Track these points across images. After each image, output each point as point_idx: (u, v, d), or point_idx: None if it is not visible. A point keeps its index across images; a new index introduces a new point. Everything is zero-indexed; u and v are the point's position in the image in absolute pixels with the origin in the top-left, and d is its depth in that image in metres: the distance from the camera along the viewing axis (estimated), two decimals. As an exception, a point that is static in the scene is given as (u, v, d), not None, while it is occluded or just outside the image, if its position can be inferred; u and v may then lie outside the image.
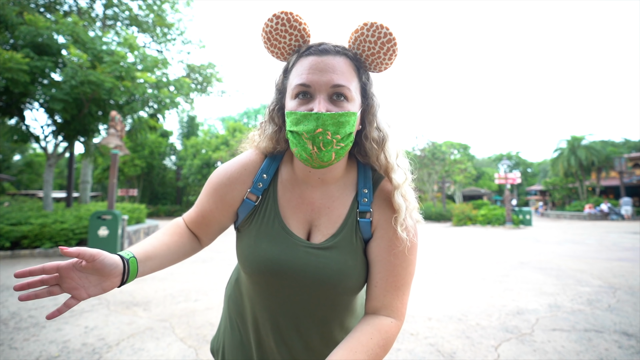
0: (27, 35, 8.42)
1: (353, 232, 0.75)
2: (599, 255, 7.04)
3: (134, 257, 0.67)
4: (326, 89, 0.66)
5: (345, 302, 0.78)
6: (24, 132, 9.89)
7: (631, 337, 2.82)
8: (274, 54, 0.74)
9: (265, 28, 0.71)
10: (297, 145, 0.68)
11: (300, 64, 0.69)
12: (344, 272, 0.72)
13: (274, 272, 0.72)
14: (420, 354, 2.53)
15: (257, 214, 0.77)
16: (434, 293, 4.22)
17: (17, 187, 34.29)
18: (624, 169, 24.27)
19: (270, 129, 0.79)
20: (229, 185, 0.78)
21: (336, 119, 0.65)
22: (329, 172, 0.75)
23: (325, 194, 0.78)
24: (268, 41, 0.72)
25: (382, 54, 0.71)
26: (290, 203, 0.78)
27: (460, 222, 17.28)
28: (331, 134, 0.65)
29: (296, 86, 0.68)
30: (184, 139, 29.30)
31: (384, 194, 0.78)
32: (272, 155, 0.81)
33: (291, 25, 0.70)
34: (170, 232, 0.81)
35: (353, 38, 0.71)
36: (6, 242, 6.76)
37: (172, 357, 2.50)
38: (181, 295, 4.06)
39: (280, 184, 0.79)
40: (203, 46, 15.04)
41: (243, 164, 0.80)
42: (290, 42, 0.72)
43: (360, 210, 0.76)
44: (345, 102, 0.67)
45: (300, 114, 0.66)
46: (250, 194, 0.77)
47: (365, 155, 0.80)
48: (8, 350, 2.57)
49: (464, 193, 36.51)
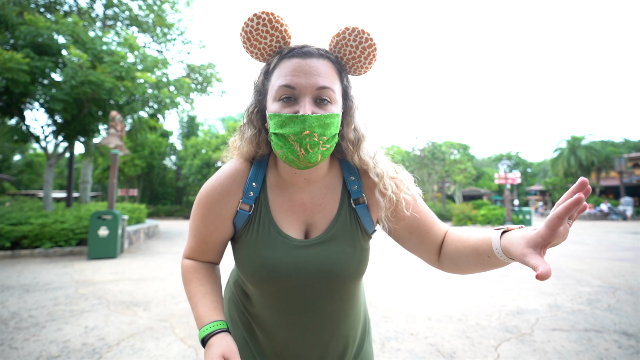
0: (27, 35, 8.42)
1: (348, 221, 0.78)
2: (598, 255, 7.04)
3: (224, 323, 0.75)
4: (311, 91, 0.67)
5: (349, 291, 0.79)
6: (24, 132, 9.89)
7: (631, 337, 2.82)
8: (253, 54, 0.74)
9: (245, 27, 0.69)
10: (282, 147, 0.67)
11: (284, 66, 0.69)
12: (343, 260, 0.74)
13: (278, 277, 0.73)
14: (420, 354, 2.53)
15: (252, 223, 0.77)
16: (434, 293, 4.22)
17: (17, 187, 34.30)
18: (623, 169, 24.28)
19: (250, 132, 0.78)
20: (222, 200, 0.76)
21: (322, 121, 0.66)
22: (314, 171, 0.76)
23: (314, 192, 0.79)
24: (248, 41, 0.71)
25: (363, 58, 0.72)
26: (282, 207, 0.78)
27: (460, 222, 17.29)
28: (318, 136, 0.66)
29: (280, 87, 0.67)
30: (184, 139, 29.32)
31: (368, 177, 0.81)
32: (257, 161, 0.80)
33: (272, 26, 0.69)
34: (199, 278, 0.81)
35: (335, 42, 0.72)
36: (6, 242, 6.76)
37: (172, 357, 2.50)
38: (181, 295, 4.06)
39: (270, 189, 0.79)
40: (203, 46, 15.04)
41: (231, 175, 0.78)
42: (271, 44, 0.72)
43: (354, 197, 0.79)
44: (329, 105, 0.68)
45: (286, 117, 0.66)
46: (243, 204, 0.76)
47: (341, 154, 0.82)
48: (8, 350, 2.57)
49: (464, 193, 36.50)
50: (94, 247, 6.66)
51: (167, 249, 8.38)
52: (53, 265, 5.93)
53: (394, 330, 2.97)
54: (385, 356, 2.50)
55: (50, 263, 6.18)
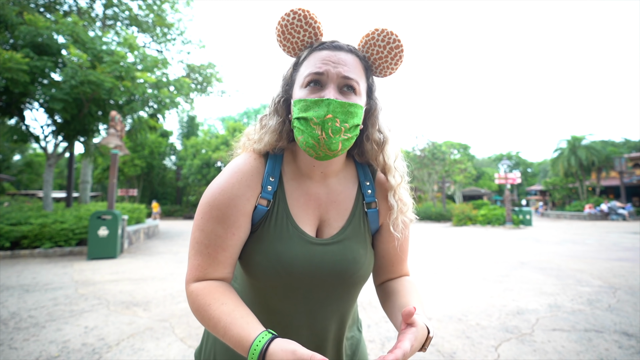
0: (27, 35, 8.42)
1: (361, 223, 0.79)
2: (599, 255, 7.04)
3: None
4: (337, 79, 0.69)
5: (356, 292, 0.80)
6: (23, 132, 9.89)
7: (631, 337, 2.82)
8: (286, 48, 0.77)
9: (281, 22, 0.73)
10: (303, 132, 0.68)
11: (314, 57, 0.72)
12: (357, 261, 0.76)
13: (292, 274, 0.71)
14: (420, 354, 2.53)
15: (269, 218, 0.74)
16: (434, 293, 4.22)
17: (17, 187, 34.30)
18: (624, 169, 24.28)
19: (274, 121, 0.78)
20: (242, 197, 0.72)
21: (346, 108, 0.68)
22: (330, 165, 0.78)
23: (330, 188, 0.80)
24: (282, 34, 0.75)
25: (390, 59, 0.75)
26: (299, 201, 0.77)
27: (460, 222, 17.28)
28: (340, 122, 0.67)
29: (309, 74, 0.70)
30: (184, 139, 29.32)
31: (382, 185, 0.84)
32: (272, 155, 0.79)
33: (307, 22, 0.73)
34: (217, 298, 0.67)
35: (364, 41, 0.75)
36: (6, 242, 6.76)
37: (172, 357, 2.50)
38: (181, 295, 4.06)
39: (287, 183, 0.78)
40: (203, 46, 15.04)
41: (248, 170, 0.75)
42: (304, 39, 0.75)
43: (367, 201, 0.81)
44: (353, 95, 0.70)
45: (311, 101, 0.68)
46: (262, 199, 0.74)
47: (362, 155, 0.84)
48: (8, 350, 2.56)
49: (464, 193, 36.51)
50: (93, 247, 6.65)
51: (167, 249, 8.38)
52: (53, 266, 5.93)
53: (394, 330, 2.96)
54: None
55: (50, 263, 6.18)
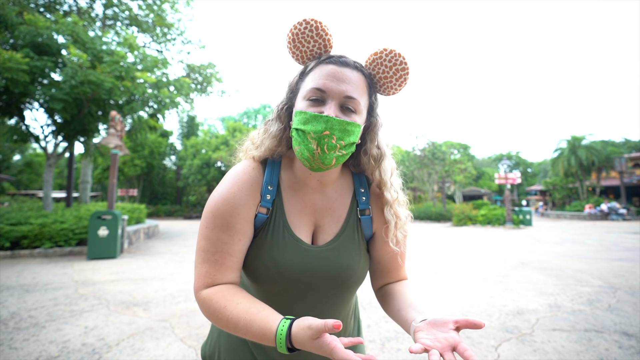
0: (27, 35, 8.41)
1: (355, 229, 0.81)
2: (599, 255, 7.04)
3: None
4: (339, 97, 0.70)
5: (350, 295, 0.82)
6: (23, 132, 9.88)
7: (631, 337, 2.82)
8: (295, 55, 0.78)
9: (293, 30, 0.74)
10: (300, 143, 0.70)
11: (319, 69, 0.72)
12: (351, 266, 0.78)
13: (287, 279, 0.74)
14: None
15: (267, 225, 0.76)
16: (434, 293, 4.22)
17: (17, 187, 34.30)
18: (624, 169, 24.28)
19: (276, 127, 0.80)
20: (244, 205, 0.74)
21: (343, 126, 0.69)
22: (326, 174, 0.80)
23: (325, 195, 0.82)
24: (292, 42, 0.76)
25: (394, 80, 0.77)
26: (295, 208, 0.79)
27: (461, 222, 17.28)
28: (336, 139, 0.68)
29: (312, 89, 0.71)
30: (184, 139, 29.31)
31: (377, 194, 0.85)
32: (270, 162, 0.81)
33: (318, 34, 0.74)
34: (231, 299, 0.67)
35: (371, 59, 0.76)
36: (6, 242, 6.75)
37: (172, 357, 2.50)
38: (181, 295, 4.06)
39: (284, 191, 0.80)
40: (203, 46, 15.02)
41: (248, 179, 0.76)
42: (313, 49, 0.76)
43: (361, 208, 0.83)
44: (353, 114, 0.72)
45: (310, 115, 0.69)
46: (261, 208, 0.76)
47: (358, 167, 0.86)
48: (8, 350, 2.56)
49: (464, 193, 36.51)
50: (93, 247, 6.65)
51: (167, 249, 8.38)
52: (53, 266, 5.92)
53: (394, 330, 2.96)
54: (385, 356, 2.50)
55: (50, 263, 6.17)
